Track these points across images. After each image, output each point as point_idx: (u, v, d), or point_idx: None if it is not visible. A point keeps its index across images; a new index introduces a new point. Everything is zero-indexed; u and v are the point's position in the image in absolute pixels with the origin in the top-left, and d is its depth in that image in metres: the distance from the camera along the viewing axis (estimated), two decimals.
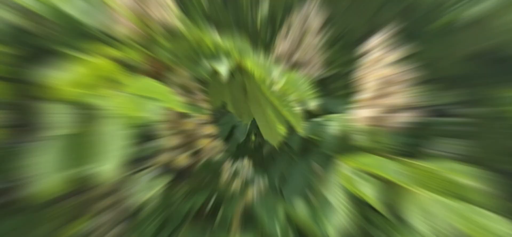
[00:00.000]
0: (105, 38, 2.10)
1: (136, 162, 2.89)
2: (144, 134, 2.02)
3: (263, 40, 3.05)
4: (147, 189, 2.25)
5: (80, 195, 2.46)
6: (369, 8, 2.88)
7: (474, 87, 3.30)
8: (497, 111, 3.38)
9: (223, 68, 1.78)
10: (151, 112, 1.65)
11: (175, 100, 1.69)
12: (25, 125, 3.27)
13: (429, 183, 1.93)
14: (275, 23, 2.99)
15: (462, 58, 3.00)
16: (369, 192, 1.86)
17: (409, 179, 1.91)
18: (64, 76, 1.87)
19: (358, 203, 1.91)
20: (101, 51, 1.94)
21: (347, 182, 1.91)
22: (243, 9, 2.94)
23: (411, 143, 2.91)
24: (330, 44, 2.89)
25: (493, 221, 1.87)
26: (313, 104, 1.89)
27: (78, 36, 2.22)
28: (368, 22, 2.87)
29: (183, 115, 1.99)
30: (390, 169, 1.90)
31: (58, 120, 1.82)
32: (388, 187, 1.93)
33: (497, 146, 3.44)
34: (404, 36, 2.95)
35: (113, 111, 1.74)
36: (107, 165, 1.66)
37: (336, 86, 3.12)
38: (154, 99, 1.69)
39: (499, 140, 3.44)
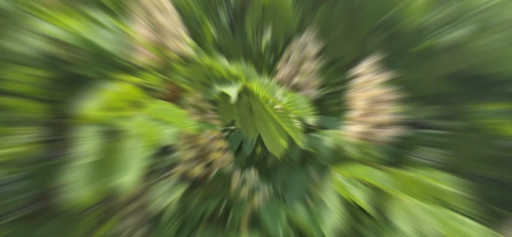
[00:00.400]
0: (128, 66, 2.13)
1: (157, 172, 2.91)
2: (164, 148, 2.04)
3: (266, 65, 3.07)
4: (167, 195, 2.28)
5: (108, 202, 2.49)
6: (358, 37, 2.90)
7: (451, 103, 3.32)
8: (471, 124, 3.40)
9: (232, 92, 1.80)
10: (168, 135, 1.69)
11: (189, 124, 1.71)
12: (59, 140, 3.31)
13: (412, 189, 1.95)
14: (277, 50, 3.01)
15: (441, 78, 3.02)
16: (359, 197, 1.88)
17: (394, 186, 1.94)
18: (92, 100, 1.91)
19: (350, 207, 1.93)
20: (125, 77, 1.97)
21: (341, 188, 1.94)
22: (249, 38, 2.95)
23: (396, 153, 2.92)
24: (325, 68, 2.90)
25: (467, 225, 1.89)
26: (310, 121, 1.92)
27: (104, 63, 2.25)
28: (357, 49, 2.89)
29: (198, 132, 2.01)
30: (378, 177, 1.92)
31: (87, 138, 1.86)
32: (376, 193, 1.95)
33: (472, 154, 3.46)
34: (389, 60, 2.97)
35: (135, 131, 1.78)
36: (129, 177, 1.70)
37: (330, 105, 3.14)
38: (171, 123, 1.72)
39: (473, 149, 3.46)
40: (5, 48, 2.34)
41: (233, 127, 2.36)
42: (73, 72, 2.93)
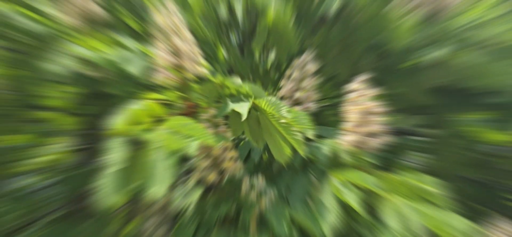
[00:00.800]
0: (150, 85, 2.15)
1: (177, 177, 2.93)
2: (182, 157, 2.06)
3: (272, 81, 3.08)
4: (185, 198, 2.30)
5: (133, 203, 2.52)
6: (351, 57, 2.91)
7: (435, 113, 3.32)
8: (453, 131, 3.40)
9: (243, 110, 1.82)
10: (191, 147, 1.71)
11: (209, 137, 1.73)
12: (89, 149, 3.33)
13: (399, 191, 1.96)
14: (280, 69, 3.03)
15: (426, 91, 3.03)
16: (352, 200, 1.90)
17: (384, 188, 1.95)
18: (119, 115, 1.93)
19: (346, 207, 1.95)
20: (148, 95, 1.99)
21: (337, 191, 1.95)
22: (256, 58, 2.97)
23: (386, 158, 2.93)
24: (323, 84, 2.91)
25: (451, 218, 1.90)
26: (310, 132, 1.94)
27: (129, 82, 2.28)
28: (351, 68, 2.90)
29: (215, 144, 2.02)
30: (369, 180, 1.94)
31: (115, 148, 1.89)
32: (368, 194, 1.97)
33: (454, 158, 3.47)
34: (379, 77, 2.99)
35: (158, 143, 1.80)
36: (156, 187, 1.73)
37: (327, 117, 3.15)
38: (191, 136, 1.74)
39: (456, 153, 3.46)
40: (42, 68, 2.37)
41: (242, 138, 2.38)
42: (102, 90, 2.96)
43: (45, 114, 4.09)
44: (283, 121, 1.95)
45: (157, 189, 1.73)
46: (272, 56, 3.02)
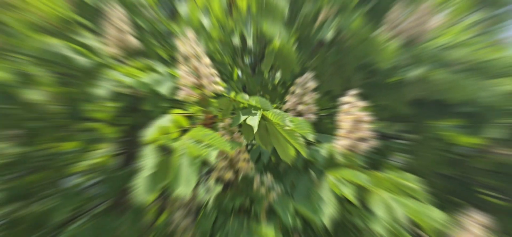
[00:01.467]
0: (176, 101, 2.15)
1: (199, 176, 2.93)
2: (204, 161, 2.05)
3: (278, 96, 3.08)
4: (206, 194, 2.30)
5: (164, 199, 2.51)
6: (344, 75, 2.91)
7: (415, 121, 3.30)
8: (431, 135, 3.38)
9: (253, 122, 1.82)
10: (211, 155, 1.71)
11: (227, 146, 1.73)
12: (128, 154, 3.33)
13: (386, 186, 1.94)
14: (285, 85, 3.02)
15: (407, 103, 3.01)
16: (348, 193, 1.89)
17: (373, 184, 1.94)
18: (151, 126, 1.94)
19: (341, 200, 1.93)
20: (174, 109, 1.99)
21: (334, 186, 1.94)
22: (265, 77, 2.97)
23: (374, 159, 2.91)
24: (320, 98, 2.91)
25: (429, 209, 1.88)
26: (311, 137, 1.93)
27: (159, 99, 2.28)
28: (344, 84, 2.90)
29: (231, 151, 2.01)
30: (360, 177, 1.92)
31: (148, 154, 1.90)
32: (359, 189, 1.96)
33: (432, 158, 3.44)
34: (368, 90, 2.98)
35: (183, 151, 1.81)
36: (182, 187, 1.73)
37: (325, 125, 3.14)
38: (212, 144, 1.75)
39: (433, 153, 3.44)
40: (89, 93, 2.38)
41: (253, 143, 2.38)
42: (137, 106, 2.97)
43: (91, 125, 4.12)
44: (287, 128, 1.94)
45: (183, 189, 1.74)
46: (278, 75, 3.02)
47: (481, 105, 3.15)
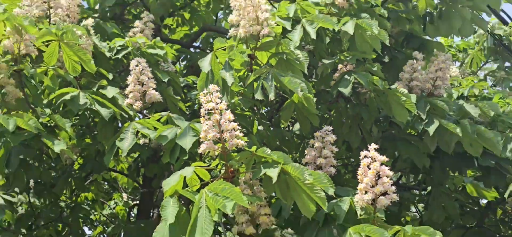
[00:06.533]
0: (198, 154, 2.16)
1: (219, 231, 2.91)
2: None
3: (296, 149, 3.09)
4: None
5: None
6: (363, 128, 2.92)
7: (436, 172, 3.29)
8: (452, 187, 3.37)
9: (273, 174, 1.83)
10: (229, 207, 1.72)
11: (243, 200, 1.73)
12: (146, 205, 3.32)
13: None
14: (304, 139, 3.03)
15: (428, 154, 3.00)
16: None
17: None
18: (172, 179, 1.95)
19: None
20: (195, 163, 2.01)
21: None
22: (284, 129, 2.99)
23: (393, 212, 2.88)
24: (339, 152, 2.92)
25: None
26: (331, 191, 1.93)
27: (181, 153, 2.29)
28: (363, 137, 2.92)
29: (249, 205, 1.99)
30: (383, 234, 1.89)
31: (169, 205, 1.90)
32: None
33: (453, 209, 3.41)
34: (387, 144, 2.98)
35: (202, 203, 1.81)
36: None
37: (345, 179, 3.14)
38: (230, 198, 1.75)
39: (454, 205, 3.41)
40: (109, 144, 2.41)
41: (274, 196, 2.36)
42: (159, 157, 3.00)
43: (110, 175, 4.16)
44: (307, 182, 1.94)
45: None
46: (296, 127, 3.03)
47: (499, 159, 3.15)
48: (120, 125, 2.57)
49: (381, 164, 1.99)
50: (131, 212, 4.33)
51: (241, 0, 2.37)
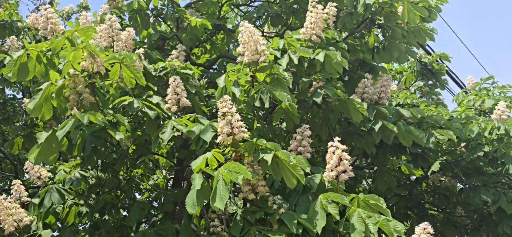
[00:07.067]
0: (215, 144, 2.15)
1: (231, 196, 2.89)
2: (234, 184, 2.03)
3: (285, 141, 3.06)
4: (237, 208, 2.28)
5: (206, 211, 2.48)
6: (330, 126, 2.91)
7: (380, 156, 3.28)
8: (391, 167, 3.36)
9: (268, 158, 1.83)
10: (239, 179, 1.73)
11: (248, 174, 1.75)
12: (179, 178, 3.28)
13: (361, 205, 1.92)
14: (289, 133, 3.01)
15: (375, 145, 2.99)
16: (334, 210, 1.87)
17: (352, 204, 1.92)
18: (198, 160, 1.96)
19: (330, 215, 1.92)
20: (214, 149, 2.01)
21: (324, 205, 1.91)
22: (275, 126, 2.98)
23: (351, 184, 2.87)
24: (314, 143, 2.91)
25: (392, 222, 1.84)
26: (308, 170, 1.95)
27: (204, 143, 2.27)
28: (330, 132, 2.91)
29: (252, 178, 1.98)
30: (343, 199, 1.90)
31: (196, 178, 1.90)
32: (344, 207, 1.95)
33: (392, 183, 3.40)
34: (346, 137, 2.96)
35: (220, 177, 1.82)
36: (218, 203, 1.73)
37: (317, 161, 3.12)
38: (239, 172, 1.76)
39: (392, 180, 3.40)
40: (156, 136, 2.40)
41: (269, 172, 2.36)
42: (188, 145, 2.99)
43: (154, 157, 4.14)
44: (291, 163, 1.95)
45: (219, 205, 1.76)
46: (284, 125, 3.03)
47: (423, 148, 3.17)
48: (161, 122, 2.55)
49: (342, 150, 2.02)
50: (168, 183, 4.31)
51: (245, 37, 2.39)
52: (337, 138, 2.04)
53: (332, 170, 2.01)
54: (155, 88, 2.71)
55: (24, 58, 2.42)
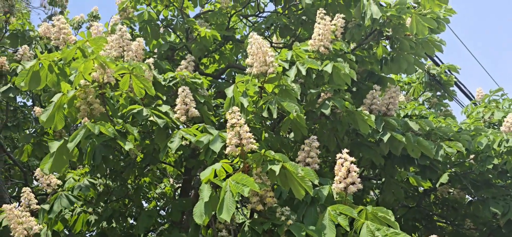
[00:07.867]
0: (224, 154, 2.15)
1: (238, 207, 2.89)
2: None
3: (292, 152, 3.06)
4: (245, 218, 2.27)
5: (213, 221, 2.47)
6: (338, 137, 2.90)
7: (388, 168, 3.26)
8: (399, 178, 3.33)
9: (276, 169, 1.84)
10: (245, 191, 1.73)
11: (256, 186, 1.75)
12: (186, 188, 3.27)
13: (370, 217, 1.91)
14: (296, 144, 3.00)
15: (382, 156, 2.98)
16: (343, 222, 1.86)
17: (360, 216, 1.91)
18: (207, 171, 1.96)
19: (338, 227, 1.90)
20: (222, 160, 2.01)
21: (332, 217, 1.90)
22: (283, 137, 2.98)
23: (358, 195, 2.84)
24: (322, 153, 2.90)
25: (400, 234, 1.82)
26: (316, 181, 1.93)
27: (212, 153, 2.28)
28: (338, 143, 2.90)
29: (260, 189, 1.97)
30: (352, 211, 1.89)
31: (204, 189, 1.91)
32: (353, 219, 1.93)
33: (400, 194, 3.37)
34: (355, 148, 2.95)
35: (227, 188, 1.82)
36: (224, 215, 1.73)
37: (326, 173, 3.10)
38: (246, 184, 1.76)
39: (400, 191, 3.37)
40: (164, 145, 2.41)
41: (276, 183, 2.35)
42: (196, 155, 2.99)
43: (162, 166, 4.15)
44: (299, 175, 1.95)
45: (225, 216, 1.75)
46: (292, 135, 3.02)
47: (432, 159, 3.14)
48: (170, 131, 2.57)
49: (351, 162, 2.01)
50: (176, 192, 4.32)
51: (254, 48, 2.40)
52: (345, 150, 2.03)
53: (340, 182, 2.00)
54: (165, 98, 2.74)
55: (36, 67, 2.46)
